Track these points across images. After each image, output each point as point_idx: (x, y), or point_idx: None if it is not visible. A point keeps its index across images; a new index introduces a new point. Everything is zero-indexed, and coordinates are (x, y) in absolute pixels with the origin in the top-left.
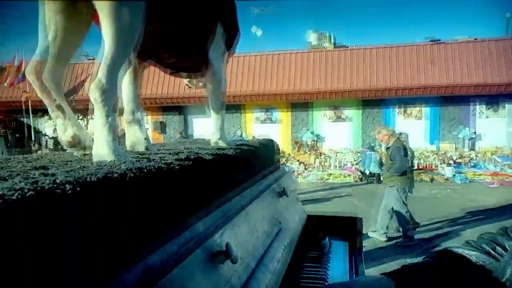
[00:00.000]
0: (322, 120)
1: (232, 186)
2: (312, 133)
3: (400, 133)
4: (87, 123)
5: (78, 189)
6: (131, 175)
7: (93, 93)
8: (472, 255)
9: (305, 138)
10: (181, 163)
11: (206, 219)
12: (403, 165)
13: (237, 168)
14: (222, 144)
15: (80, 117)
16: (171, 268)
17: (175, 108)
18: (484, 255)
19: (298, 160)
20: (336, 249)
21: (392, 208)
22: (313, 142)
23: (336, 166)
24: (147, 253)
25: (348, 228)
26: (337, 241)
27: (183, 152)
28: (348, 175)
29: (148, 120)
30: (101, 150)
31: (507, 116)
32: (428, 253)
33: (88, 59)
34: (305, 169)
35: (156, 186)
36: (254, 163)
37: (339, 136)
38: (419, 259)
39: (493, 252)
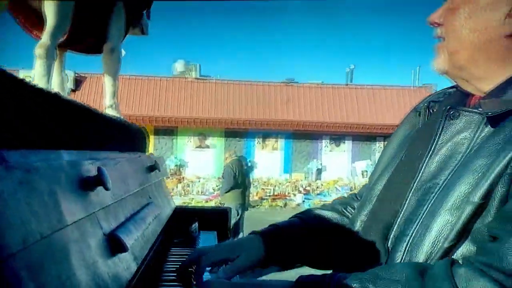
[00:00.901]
0: (186, 146)
1: (103, 144)
2: (176, 158)
3: (240, 156)
4: None
5: None
6: None
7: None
8: (328, 214)
9: (169, 163)
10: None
11: (75, 152)
12: (228, 183)
13: (112, 129)
14: (112, 112)
15: None
16: (29, 169)
17: None
18: (337, 214)
19: None
20: (205, 238)
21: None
22: (176, 167)
23: (199, 192)
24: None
25: (217, 220)
26: (207, 231)
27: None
28: (210, 200)
29: None
30: None
31: (346, 151)
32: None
33: None
34: None
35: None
36: (127, 135)
37: (202, 163)
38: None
39: (345, 212)
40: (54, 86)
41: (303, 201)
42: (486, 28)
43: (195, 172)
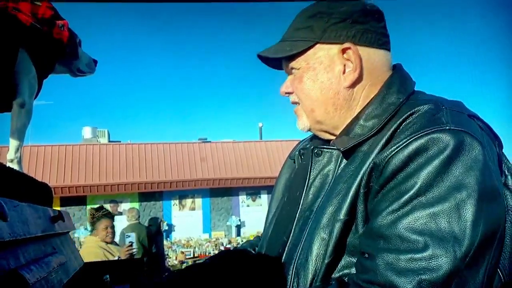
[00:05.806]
0: None
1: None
2: (86, 229)
3: (152, 218)
4: None
5: None
6: None
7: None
8: (240, 251)
9: (78, 235)
10: None
11: None
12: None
13: (13, 180)
14: (14, 166)
15: None
16: None
17: None
18: (247, 250)
19: None
20: None
21: None
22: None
23: None
24: None
25: (130, 272)
26: (120, 285)
27: None
28: None
29: None
30: None
31: (263, 204)
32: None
33: None
34: None
35: None
36: (29, 187)
37: (117, 231)
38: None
39: (252, 251)
40: None
41: None
42: (330, 86)
43: None
